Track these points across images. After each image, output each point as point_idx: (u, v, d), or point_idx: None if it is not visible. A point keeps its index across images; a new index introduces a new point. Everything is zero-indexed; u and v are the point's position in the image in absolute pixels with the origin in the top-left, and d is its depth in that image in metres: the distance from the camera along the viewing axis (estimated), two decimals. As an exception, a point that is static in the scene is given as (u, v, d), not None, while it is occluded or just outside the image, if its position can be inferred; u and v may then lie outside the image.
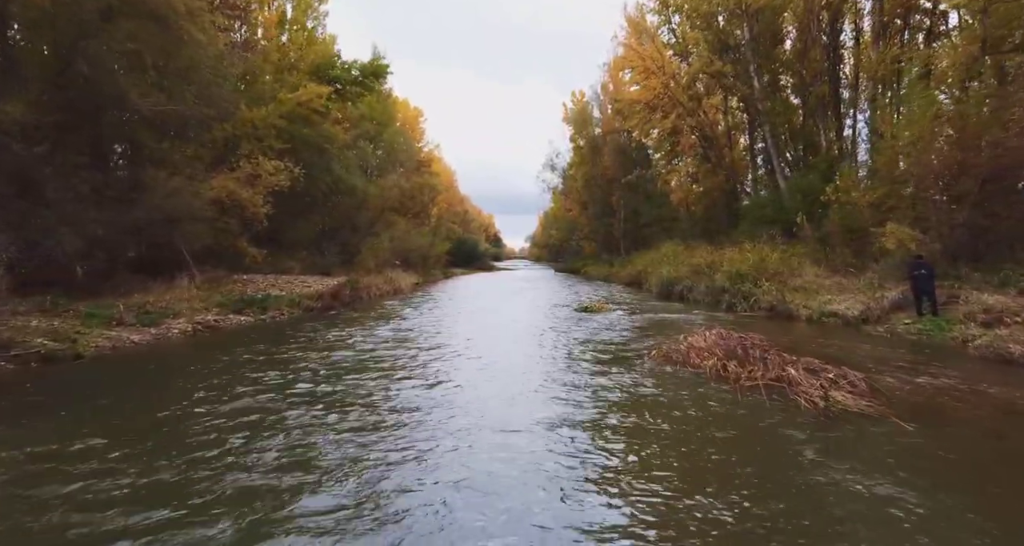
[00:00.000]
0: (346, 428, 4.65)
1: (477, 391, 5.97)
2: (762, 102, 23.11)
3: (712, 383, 6.21)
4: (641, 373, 6.87)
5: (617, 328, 10.74)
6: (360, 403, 5.45)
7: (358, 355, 7.87)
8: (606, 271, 31.99)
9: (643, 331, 10.46)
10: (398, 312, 13.41)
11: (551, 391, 5.97)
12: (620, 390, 6.08)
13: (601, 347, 8.57)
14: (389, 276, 20.52)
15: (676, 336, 9.43)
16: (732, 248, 17.43)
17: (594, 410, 5.21)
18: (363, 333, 9.79)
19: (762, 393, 5.58)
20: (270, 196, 16.23)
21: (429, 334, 9.75)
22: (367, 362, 7.41)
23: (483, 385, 6.26)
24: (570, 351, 8.12)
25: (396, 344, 8.83)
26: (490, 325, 11.09)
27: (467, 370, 6.97)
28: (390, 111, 36.56)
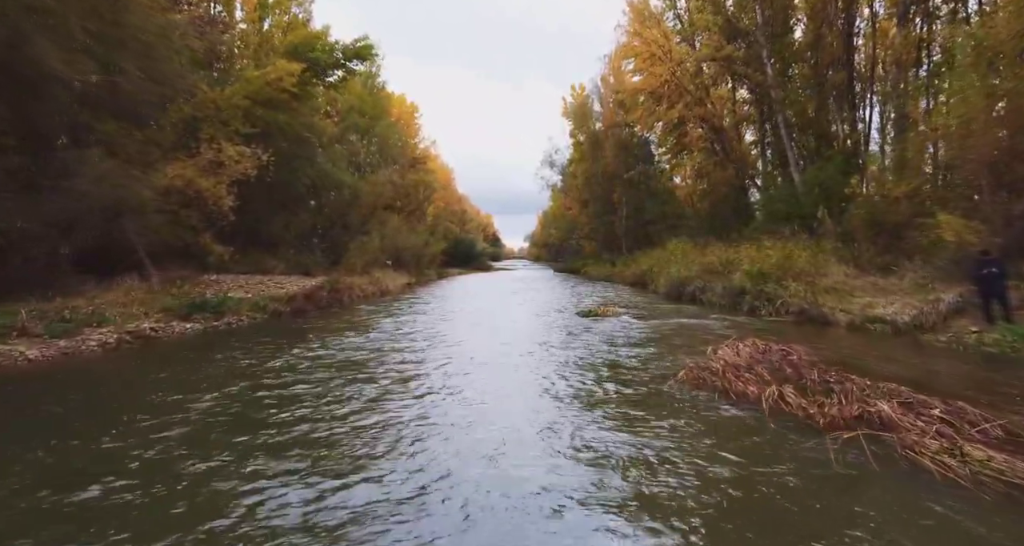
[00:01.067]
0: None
1: (450, 477, 3.50)
2: (775, 90, 21.45)
3: (771, 423, 4.52)
4: (672, 409, 5.17)
5: (628, 338, 9.06)
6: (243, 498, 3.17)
7: (294, 389, 6.12)
8: (608, 271, 30.33)
9: (659, 341, 8.79)
10: (375, 319, 11.73)
11: (560, 470, 3.59)
12: (655, 457, 3.85)
13: (614, 368, 6.88)
14: (375, 276, 18.84)
15: (700, 347, 7.78)
16: (748, 245, 15.77)
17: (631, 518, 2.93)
18: (321, 350, 8.09)
19: (840, 432, 3.89)
20: (242, 188, 14.58)
21: (401, 352, 8.05)
22: (302, 404, 5.51)
23: (461, 461, 3.75)
24: (578, 380, 6.37)
25: (356, 367, 7.15)
26: (478, 338, 9.26)
27: (441, 423, 4.62)
28: (383, 105, 34.90)
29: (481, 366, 6.91)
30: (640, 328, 10.16)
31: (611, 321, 11.28)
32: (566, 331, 9.82)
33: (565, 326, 10.49)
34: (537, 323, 10.92)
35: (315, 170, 22.26)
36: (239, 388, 5.77)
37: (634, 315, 12.25)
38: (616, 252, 35.09)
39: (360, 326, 10.24)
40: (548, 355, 7.54)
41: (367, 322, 11.09)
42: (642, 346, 8.31)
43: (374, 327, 10.23)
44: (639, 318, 11.74)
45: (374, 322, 10.96)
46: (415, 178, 39.24)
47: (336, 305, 14.54)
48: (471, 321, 11.70)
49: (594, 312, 12.23)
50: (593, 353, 7.71)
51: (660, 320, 11.30)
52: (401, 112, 41.46)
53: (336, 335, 9.42)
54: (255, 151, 12.93)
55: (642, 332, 9.69)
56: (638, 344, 8.44)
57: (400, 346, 8.40)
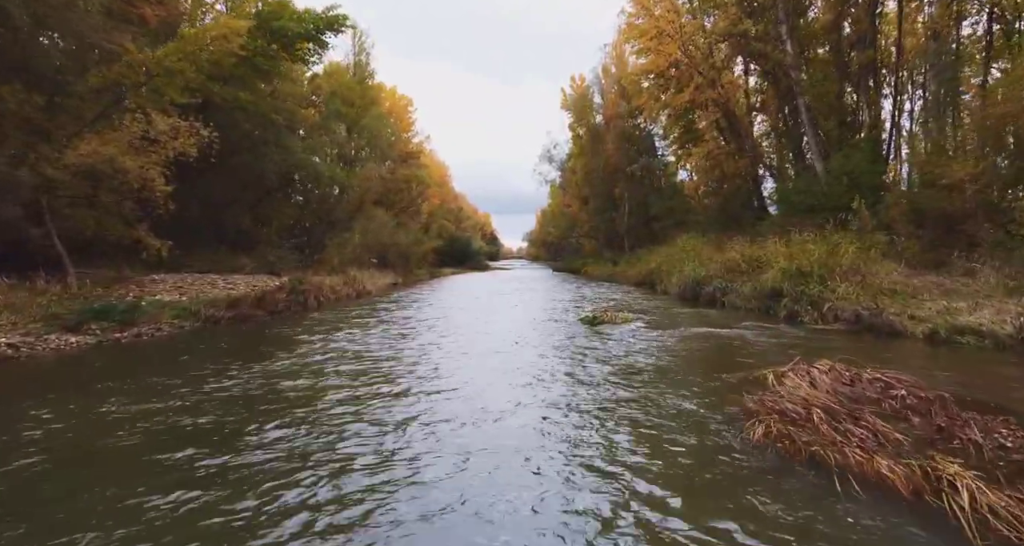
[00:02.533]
0: None
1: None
2: (795, 71, 19.28)
3: None
4: (744, 497, 2.97)
5: (648, 356, 6.85)
6: None
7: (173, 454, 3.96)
8: (609, 270, 28.13)
9: (689, 361, 6.58)
10: (336, 329, 9.50)
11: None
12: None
13: (641, 409, 4.66)
14: (352, 276, 16.63)
15: (747, 370, 5.61)
16: (775, 240, 13.59)
17: None
18: (228, 380, 5.89)
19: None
20: (201, 175, 12.42)
21: (355, 380, 5.86)
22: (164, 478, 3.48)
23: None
24: (592, 435, 4.07)
25: (279, 419, 4.96)
26: (458, 359, 6.75)
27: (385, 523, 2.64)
28: (372, 95, 32.67)
29: (469, 405, 4.70)
30: (659, 340, 7.95)
31: (621, 330, 9.07)
32: (569, 347, 7.60)
33: (567, 339, 8.27)
34: (532, 336, 8.69)
35: (292, 158, 20.06)
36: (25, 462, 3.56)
37: (648, 322, 10.04)
38: (618, 250, 32.90)
39: (303, 342, 8.01)
40: (545, 391, 5.30)
41: (318, 334, 8.87)
42: (668, 369, 6.09)
43: (321, 342, 8.01)
44: (655, 326, 9.54)
45: (327, 334, 8.74)
46: (407, 173, 37.05)
47: (298, 309, 12.33)
48: (459, 328, 9.50)
49: (600, 319, 10.04)
50: (606, 383, 5.49)
51: (681, 329, 9.10)
52: (393, 105, 39.25)
53: (296, 345, 7.23)
54: (194, 124, 10.69)
55: (663, 346, 7.47)
56: (663, 366, 6.22)
57: (363, 371, 6.21)
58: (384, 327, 9.51)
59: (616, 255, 31.74)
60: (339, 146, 29.45)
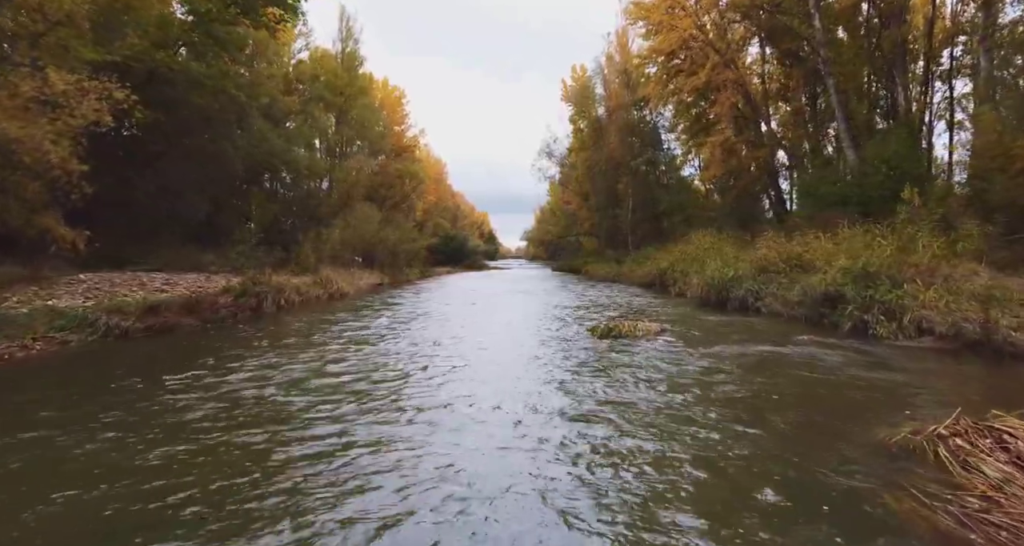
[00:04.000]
0: None
1: None
2: (824, 47, 17.12)
3: None
4: None
5: (703, 395, 4.62)
6: None
7: None
8: (613, 270, 25.92)
9: (773, 408, 4.30)
10: (275, 347, 7.31)
11: None
12: None
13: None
14: (326, 275, 14.42)
15: (879, 430, 3.41)
16: (818, 235, 11.43)
17: None
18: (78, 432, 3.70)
19: None
20: (150, 160, 10.23)
21: (233, 449, 3.69)
22: None
23: None
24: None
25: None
26: (411, 406, 4.26)
27: None
28: (360, 84, 30.40)
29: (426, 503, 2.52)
30: (705, 364, 5.73)
31: (646, 347, 6.86)
32: (582, 374, 5.37)
33: (577, 363, 6.04)
34: (530, 357, 6.44)
35: (265, 145, 17.84)
36: None
37: (677, 335, 7.84)
38: (621, 249, 30.71)
39: (203, 374, 5.78)
40: (572, 474, 3.11)
41: (244, 355, 6.65)
42: (738, 421, 3.89)
43: (235, 372, 5.78)
44: (687, 340, 7.34)
45: (255, 357, 6.52)
46: (400, 167, 34.85)
47: (247, 316, 10.12)
48: (440, 343, 7.29)
49: (616, 330, 7.84)
50: (672, 464, 3.30)
51: (724, 345, 6.89)
52: (385, 97, 37.00)
53: (169, 384, 5.02)
54: (105, 83, 8.44)
55: (716, 376, 5.26)
56: (737, 418, 3.98)
57: (248, 423, 4.01)
58: (341, 343, 7.28)
59: (620, 254, 29.56)
60: (323, 135, 27.20)
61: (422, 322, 9.37)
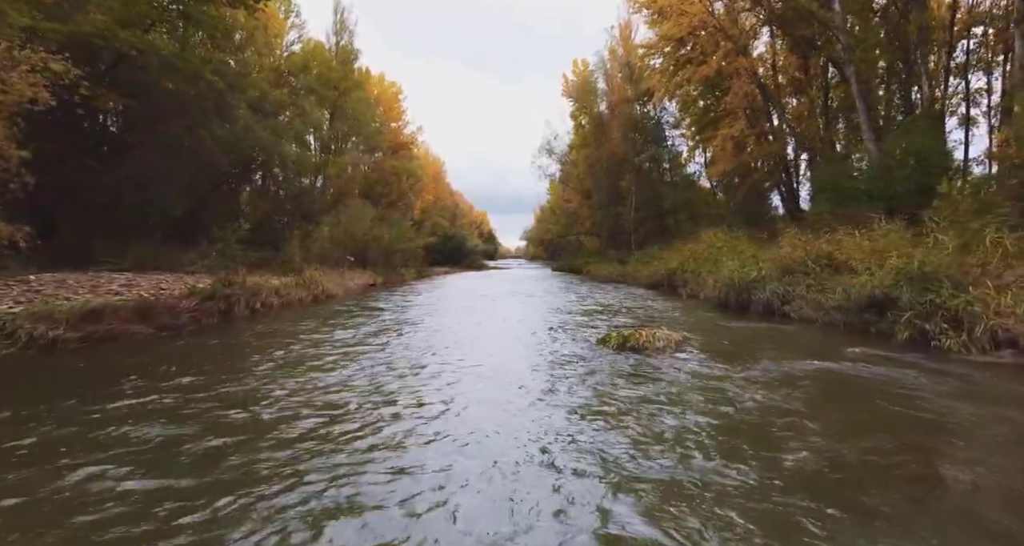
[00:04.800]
0: None
1: None
2: (844, 33, 15.97)
3: None
4: None
5: (767, 468, 3.38)
6: None
7: None
8: (616, 270, 24.73)
9: (868, 494, 3.12)
10: (235, 362, 6.13)
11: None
12: None
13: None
14: (310, 276, 13.23)
15: None
16: (854, 232, 10.26)
17: None
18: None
19: None
20: (123, 151, 9.08)
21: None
22: None
23: None
24: None
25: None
26: (362, 486, 2.72)
27: None
28: (355, 78, 29.19)
29: None
30: (756, 400, 4.51)
31: (669, 366, 5.68)
32: (598, 431, 4.17)
33: (590, 397, 4.84)
34: (531, 391, 5.15)
35: (250, 137, 16.64)
36: None
37: (702, 347, 6.66)
38: (624, 248, 29.55)
39: (113, 395, 4.61)
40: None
41: (179, 368, 5.48)
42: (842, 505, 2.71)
43: (174, 397, 4.60)
44: (716, 355, 6.16)
45: (186, 371, 5.35)
46: (396, 165, 33.68)
47: (214, 321, 8.94)
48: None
49: (631, 341, 6.65)
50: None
51: (763, 362, 5.71)
52: (381, 93, 35.81)
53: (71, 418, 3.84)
54: (41, 54, 7.22)
55: (772, 418, 4.05)
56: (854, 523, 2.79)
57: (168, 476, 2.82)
58: (292, 361, 6.09)
59: (622, 254, 28.39)
60: (318, 130, 26.00)
61: (406, 333, 8.15)
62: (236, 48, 19.06)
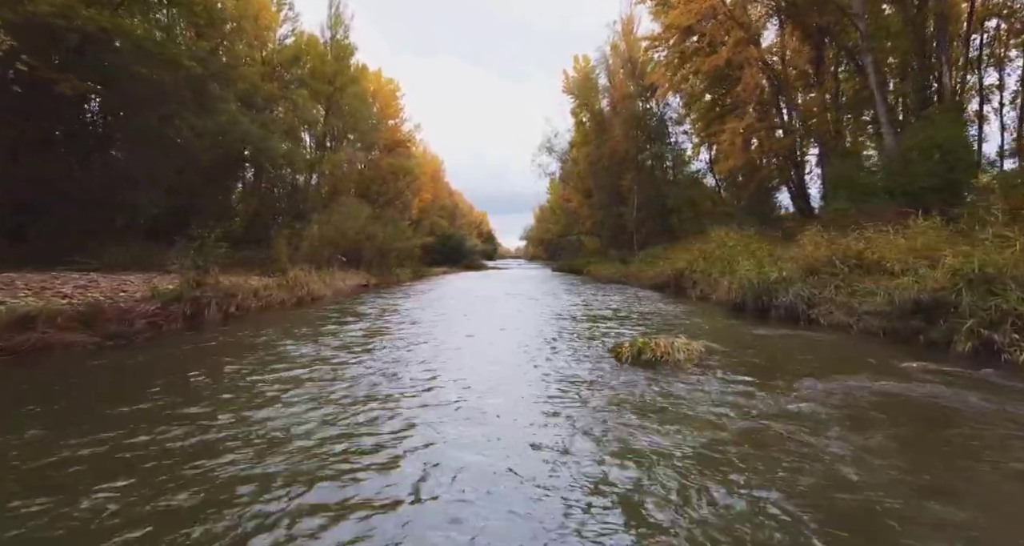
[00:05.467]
0: None
1: None
2: (862, 20, 15.00)
3: None
4: None
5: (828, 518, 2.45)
6: None
7: None
8: (619, 271, 23.77)
9: None
10: (177, 385, 5.15)
11: None
12: None
13: None
14: (294, 276, 12.25)
15: None
16: (881, 229, 9.28)
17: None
18: None
19: None
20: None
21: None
22: None
23: None
24: None
25: None
26: None
27: None
28: (350, 73, 28.21)
29: None
30: (823, 448, 3.55)
31: (695, 385, 4.71)
32: (627, 452, 3.20)
33: (600, 434, 3.88)
34: (531, 425, 4.19)
35: (236, 131, 15.67)
36: None
37: (729, 359, 5.69)
38: (625, 248, 28.58)
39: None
40: None
41: (84, 396, 4.51)
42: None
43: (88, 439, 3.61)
44: (749, 370, 5.19)
45: (94, 402, 4.38)
46: (393, 162, 32.70)
47: (177, 327, 7.97)
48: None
49: (648, 351, 5.68)
50: None
51: (806, 381, 4.74)
52: (378, 89, 34.80)
53: None
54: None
55: (846, 469, 3.11)
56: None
57: None
58: (258, 385, 5.10)
59: (624, 254, 27.42)
60: (313, 125, 25.00)
61: (380, 347, 7.11)
62: (223, 38, 18.07)
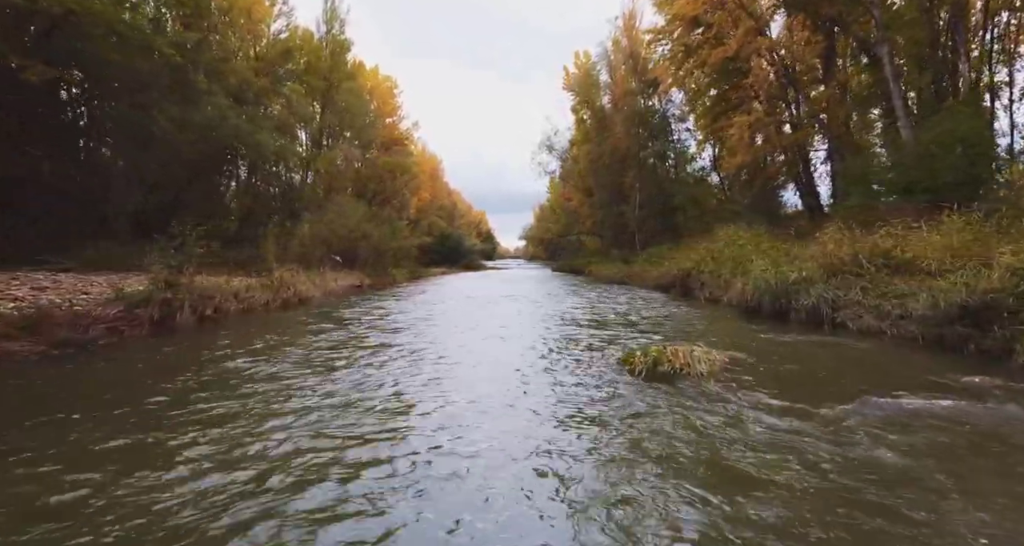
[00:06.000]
0: None
1: None
2: (877, 8, 14.27)
3: None
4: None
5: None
6: None
7: None
8: (621, 271, 23.03)
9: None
10: (126, 411, 4.40)
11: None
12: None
13: None
14: (280, 276, 11.51)
15: None
16: (912, 226, 8.54)
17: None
18: None
19: None
20: None
21: None
22: None
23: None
24: None
25: None
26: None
27: None
28: (345, 68, 27.46)
29: None
30: (889, 482, 2.84)
31: (720, 402, 3.98)
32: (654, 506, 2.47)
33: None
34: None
35: (226, 126, 14.90)
36: None
37: (757, 373, 4.95)
38: (627, 248, 27.85)
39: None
40: None
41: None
42: None
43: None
44: (782, 385, 4.45)
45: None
46: (390, 160, 31.94)
47: (142, 333, 7.23)
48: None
49: (665, 362, 4.94)
50: None
51: (863, 405, 4.00)
52: (375, 86, 34.02)
53: None
54: None
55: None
56: None
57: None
58: (213, 415, 4.35)
59: (626, 253, 26.69)
60: (309, 122, 24.20)
61: (363, 358, 6.30)
62: (211, 29, 17.33)
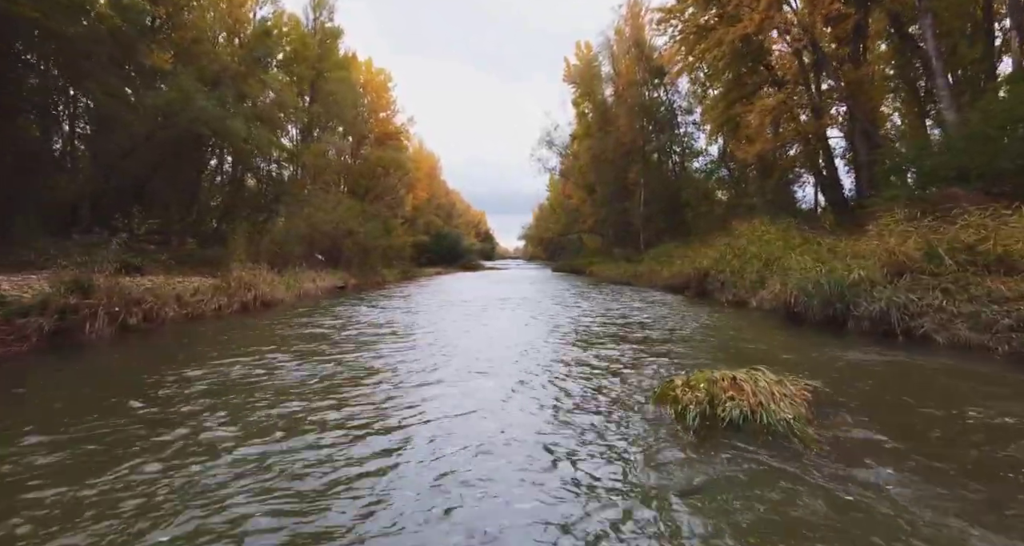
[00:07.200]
0: None
1: None
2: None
3: None
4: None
5: None
6: None
7: None
8: (625, 271, 21.37)
9: None
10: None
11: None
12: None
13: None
14: (238, 277, 9.84)
15: None
16: (1001, 212, 6.88)
17: None
18: None
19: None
20: None
21: None
22: None
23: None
24: None
25: None
26: None
27: None
28: (334, 57, 25.82)
29: None
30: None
31: (838, 493, 2.32)
32: None
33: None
34: None
35: (191, 109, 13.22)
36: None
37: (860, 417, 3.27)
38: (631, 247, 26.17)
39: None
40: None
41: None
42: None
43: None
44: (910, 440, 2.79)
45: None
46: (384, 155, 30.26)
47: (35, 351, 5.57)
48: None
49: (720, 402, 3.25)
50: None
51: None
52: (368, 79, 32.33)
53: None
54: None
55: None
56: None
57: None
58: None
59: (630, 252, 25.02)
60: (294, 109, 22.48)
61: (300, 396, 4.60)
62: (183, 4, 15.69)
